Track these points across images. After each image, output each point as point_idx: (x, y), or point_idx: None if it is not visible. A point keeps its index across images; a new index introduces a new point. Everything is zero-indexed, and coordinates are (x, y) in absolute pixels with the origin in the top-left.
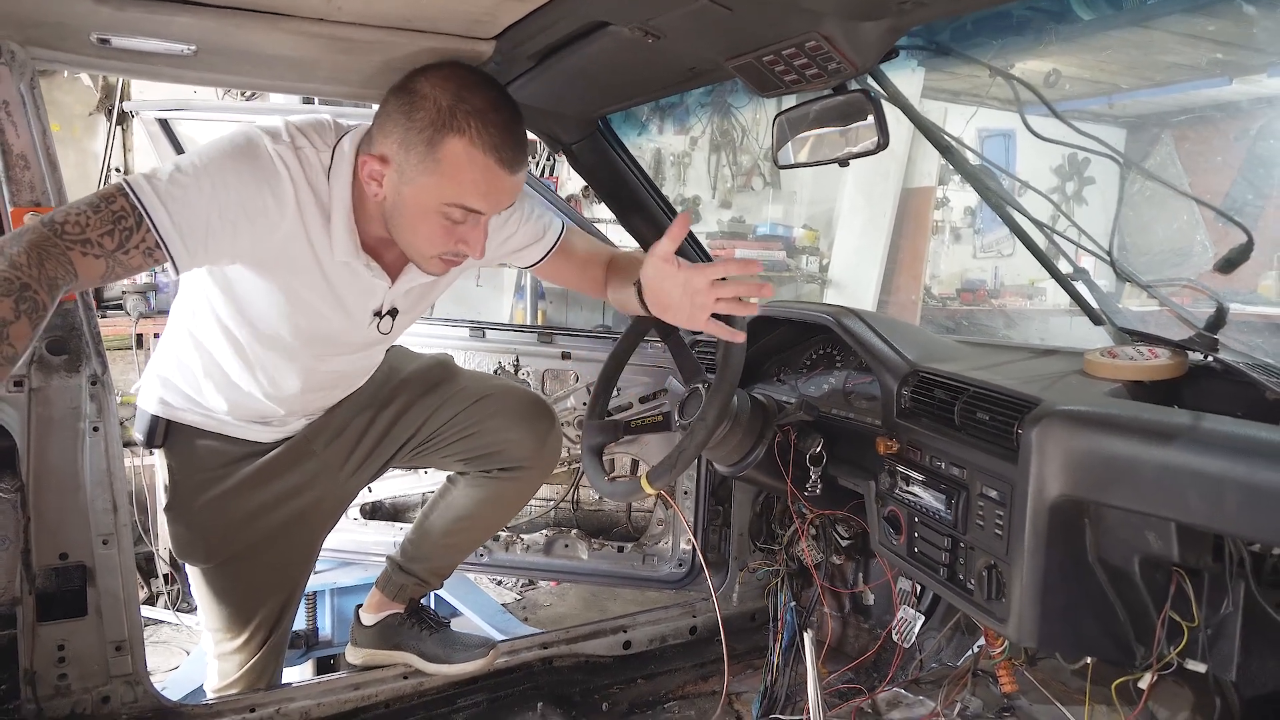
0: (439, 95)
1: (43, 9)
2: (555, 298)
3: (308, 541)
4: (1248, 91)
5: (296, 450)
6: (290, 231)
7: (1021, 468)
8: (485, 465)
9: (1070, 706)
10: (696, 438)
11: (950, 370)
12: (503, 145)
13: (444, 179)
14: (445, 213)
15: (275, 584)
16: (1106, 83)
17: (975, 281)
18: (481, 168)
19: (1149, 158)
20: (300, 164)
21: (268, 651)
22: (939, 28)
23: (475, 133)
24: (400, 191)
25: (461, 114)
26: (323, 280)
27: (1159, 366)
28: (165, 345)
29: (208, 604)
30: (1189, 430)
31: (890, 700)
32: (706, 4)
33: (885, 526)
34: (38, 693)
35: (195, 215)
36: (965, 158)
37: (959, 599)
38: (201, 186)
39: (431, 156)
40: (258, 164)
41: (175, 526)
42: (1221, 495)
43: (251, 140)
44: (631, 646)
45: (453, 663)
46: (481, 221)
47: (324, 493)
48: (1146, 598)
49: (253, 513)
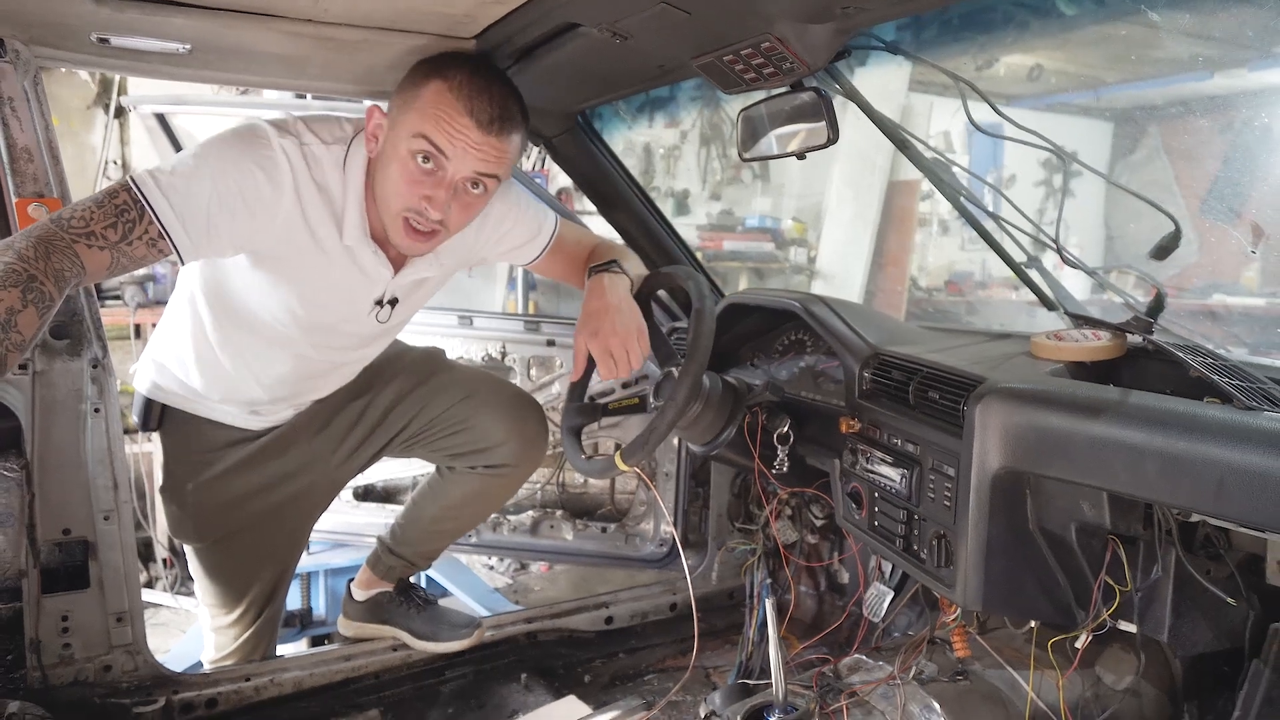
0: (443, 58)
1: (45, 9)
2: (546, 289)
3: (298, 524)
4: (1229, 85)
5: (286, 438)
6: (289, 218)
7: (966, 442)
8: (472, 461)
9: (1020, 670)
10: (667, 417)
11: (907, 353)
12: (478, 99)
13: (416, 113)
14: (412, 152)
15: (267, 563)
16: (1090, 77)
17: (963, 273)
18: (451, 108)
19: (1134, 151)
20: (304, 157)
21: (261, 626)
22: (926, 21)
23: (457, 83)
24: (386, 138)
25: (454, 68)
26: (325, 268)
27: (1098, 348)
28: (161, 331)
29: (203, 580)
30: (1116, 405)
31: (851, 665)
32: (666, 7)
33: (848, 502)
34: (43, 661)
35: (196, 204)
36: (920, 151)
37: (913, 567)
38: (201, 176)
39: (414, 94)
40: (257, 153)
41: (170, 506)
42: (1143, 464)
43: (254, 131)
44: (613, 622)
45: (439, 640)
46: (446, 177)
47: (314, 479)
48: (1084, 564)
49: (243, 496)
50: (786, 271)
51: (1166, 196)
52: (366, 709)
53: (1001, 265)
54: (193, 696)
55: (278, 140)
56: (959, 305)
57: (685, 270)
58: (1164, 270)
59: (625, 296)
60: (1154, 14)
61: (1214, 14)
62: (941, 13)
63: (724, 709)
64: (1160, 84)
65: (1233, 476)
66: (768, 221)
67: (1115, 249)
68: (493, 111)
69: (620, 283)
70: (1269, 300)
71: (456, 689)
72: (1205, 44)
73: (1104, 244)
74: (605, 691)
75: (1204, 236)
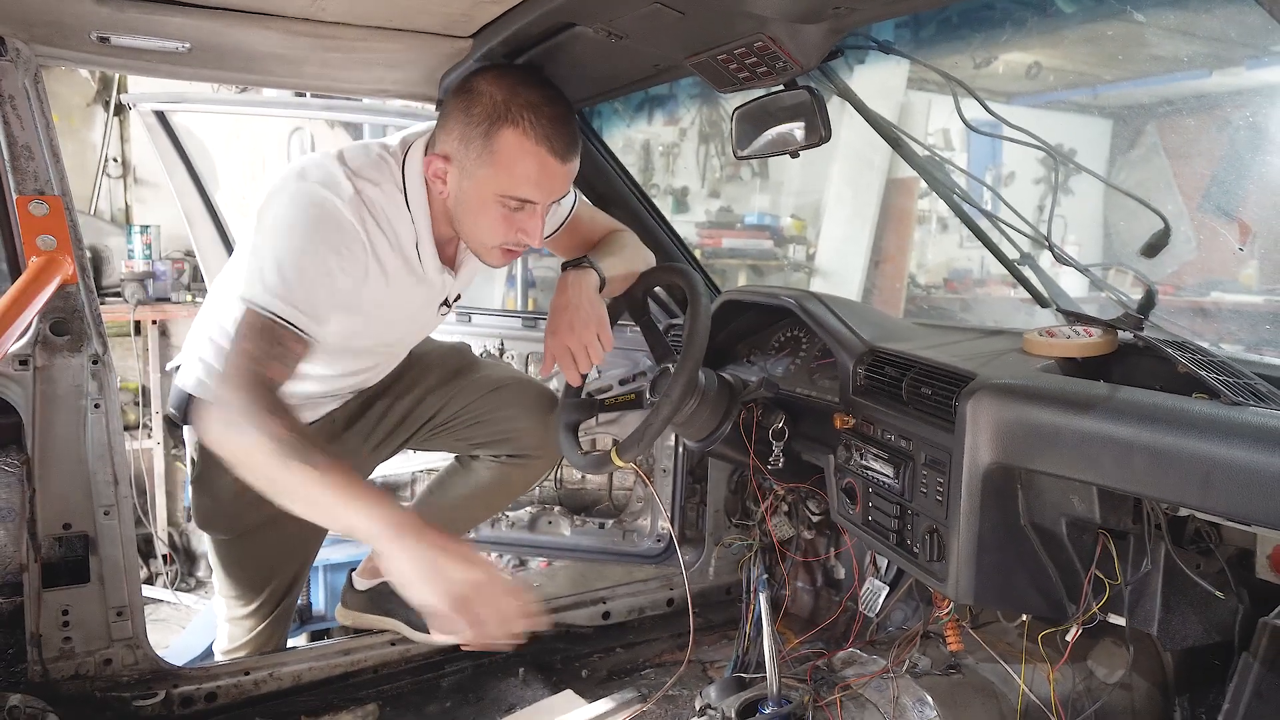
0: (494, 91)
1: (46, 8)
2: (546, 286)
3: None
4: (1227, 83)
5: (323, 432)
6: (372, 272)
7: (958, 438)
8: (496, 451)
9: (1013, 664)
10: (662, 413)
11: (901, 349)
12: (554, 136)
13: (499, 170)
14: (503, 202)
15: (290, 556)
16: (1089, 75)
17: (961, 270)
18: (534, 157)
19: (1133, 148)
20: (371, 214)
21: (276, 618)
22: (925, 19)
23: (528, 124)
24: (461, 186)
25: (515, 107)
26: (400, 295)
27: (1089, 344)
28: (206, 330)
29: (225, 571)
30: (1104, 401)
31: (846, 659)
32: (660, 7)
33: (843, 497)
34: (43, 655)
35: (315, 300)
36: (914, 149)
37: (906, 562)
38: (309, 276)
39: (488, 149)
40: (341, 233)
41: (202, 498)
42: (1131, 459)
43: (324, 208)
44: (611, 617)
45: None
46: (538, 210)
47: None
48: (1074, 558)
49: None
50: (785, 269)
51: (1165, 194)
52: (365, 703)
53: (999, 263)
54: (192, 690)
55: (347, 214)
56: (957, 303)
57: (681, 267)
58: (1163, 267)
59: (587, 293)
60: (1152, 12)
61: (1211, 12)
62: (940, 11)
63: (719, 702)
64: (1158, 82)
65: (1218, 471)
66: (767, 219)
67: (1114, 246)
68: (567, 138)
69: (585, 278)
70: (1266, 298)
71: (454, 683)
72: (1203, 42)
73: (1103, 241)
74: (602, 686)
75: (1202, 233)
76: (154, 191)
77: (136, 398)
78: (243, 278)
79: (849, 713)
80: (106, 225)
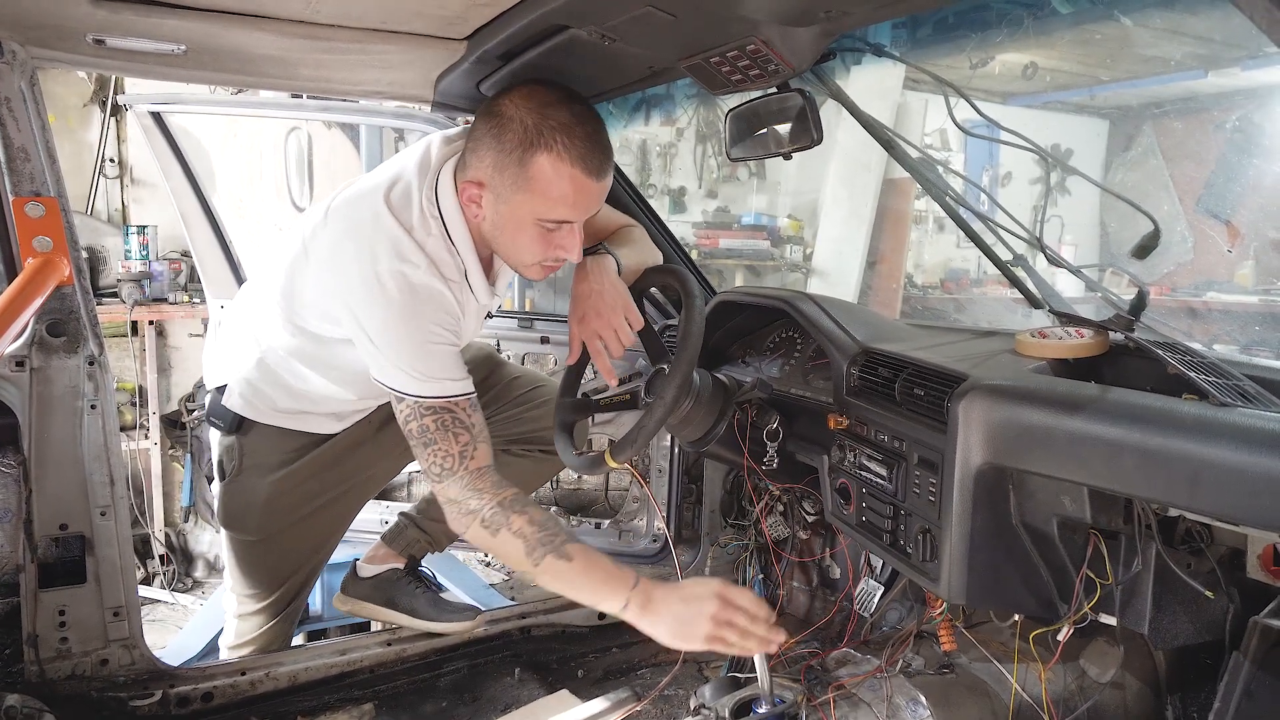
0: (524, 115)
1: (42, 11)
2: (542, 287)
3: (346, 516)
4: (1223, 84)
5: (357, 436)
6: (458, 314)
7: (950, 438)
8: (528, 445)
9: (1005, 663)
10: (656, 414)
11: (894, 350)
12: (589, 155)
13: (535, 195)
14: (540, 224)
15: (308, 556)
16: (1085, 75)
17: (957, 271)
18: (569, 179)
19: (1130, 148)
20: (439, 270)
21: (286, 616)
22: (922, 20)
23: (562, 148)
24: (498, 210)
25: (547, 130)
26: (469, 326)
27: (1080, 345)
28: (243, 347)
29: (241, 569)
30: (1095, 401)
31: (839, 659)
32: (653, 10)
33: (836, 498)
34: (40, 655)
35: (450, 364)
36: (906, 151)
37: (899, 562)
38: (431, 351)
39: (523, 175)
40: (434, 303)
41: (233, 501)
42: (1120, 459)
43: (415, 289)
44: (606, 617)
45: (441, 621)
46: (575, 228)
47: (375, 472)
48: (1066, 558)
49: (315, 493)
50: (782, 269)
51: (1162, 194)
52: (361, 702)
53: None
54: (189, 690)
55: (433, 283)
56: (954, 303)
57: (676, 268)
58: (1159, 268)
59: (609, 276)
60: (1148, 13)
61: (1208, 13)
62: (936, 11)
63: (713, 701)
64: (1155, 82)
65: (1207, 471)
66: (763, 219)
67: (1110, 246)
68: (600, 156)
69: (605, 264)
70: (1261, 298)
71: (450, 683)
72: (1199, 43)
73: (1099, 240)
74: (598, 685)
75: (1198, 234)
76: (151, 192)
77: (133, 398)
78: (385, 379)
79: (842, 712)
80: (103, 225)
